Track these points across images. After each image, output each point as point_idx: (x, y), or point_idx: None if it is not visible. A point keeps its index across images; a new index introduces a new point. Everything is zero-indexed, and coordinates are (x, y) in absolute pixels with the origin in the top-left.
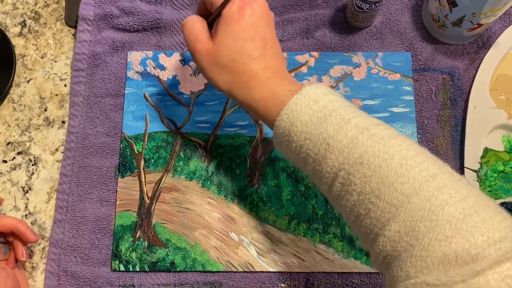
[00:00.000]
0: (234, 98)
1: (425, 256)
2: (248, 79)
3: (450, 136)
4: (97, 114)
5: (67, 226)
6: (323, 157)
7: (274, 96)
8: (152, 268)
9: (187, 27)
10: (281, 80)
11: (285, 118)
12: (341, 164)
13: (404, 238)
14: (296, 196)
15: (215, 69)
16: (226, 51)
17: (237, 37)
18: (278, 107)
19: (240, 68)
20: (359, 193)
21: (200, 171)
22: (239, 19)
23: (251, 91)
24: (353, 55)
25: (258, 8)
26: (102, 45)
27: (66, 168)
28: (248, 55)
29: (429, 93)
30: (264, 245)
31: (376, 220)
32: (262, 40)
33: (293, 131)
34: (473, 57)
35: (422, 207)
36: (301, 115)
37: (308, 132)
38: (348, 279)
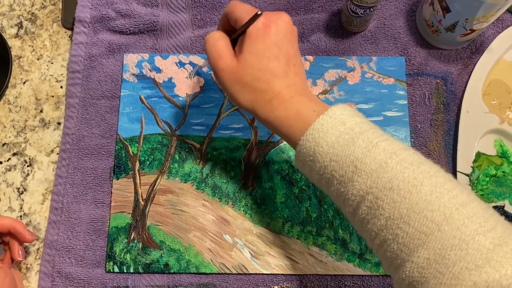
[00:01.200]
0: (257, 117)
1: (455, 284)
2: (272, 97)
3: (443, 140)
4: (92, 116)
5: (62, 227)
6: (350, 179)
7: (299, 116)
8: (146, 270)
9: (209, 43)
10: (305, 99)
11: (310, 138)
12: (369, 188)
13: (433, 265)
14: (290, 198)
15: (238, 87)
16: (250, 69)
17: (262, 55)
18: (302, 127)
19: (263, 87)
20: (387, 218)
21: (195, 173)
22: (264, 37)
23: (274, 110)
24: (348, 59)
25: (283, 26)
26: (98, 47)
27: (61, 170)
28: (271, 73)
29: (422, 97)
30: (258, 247)
31: (404, 246)
32: (285, 58)
33: (318, 152)
34: (466, 62)
35: (452, 236)
36: (328, 136)
37: (335, 153)
38: (341, 281)
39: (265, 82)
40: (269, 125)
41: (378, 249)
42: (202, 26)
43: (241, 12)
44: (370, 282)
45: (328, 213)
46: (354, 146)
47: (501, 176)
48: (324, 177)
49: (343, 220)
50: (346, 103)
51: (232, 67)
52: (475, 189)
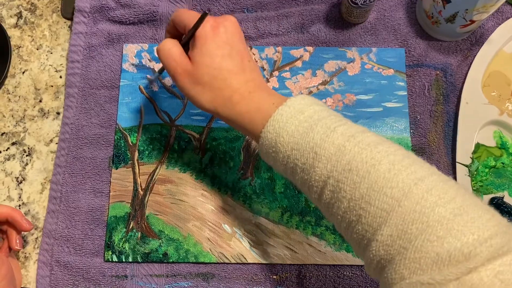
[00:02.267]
0: (219, 115)
1: (419, 257)
2: (231, 94)
3: (442, 131)
4: (92, 105)
5: (61, 217)
6: (311, 166)
7: (259, 109)
8: (145, 259)
9: (163, 52)
10: (264, 94)
11: (271, 129)
12: (329, 172)
13: (397, 241)
14: (289, 189)
15: (197, 88)
16: (206, 69)
17: (215, 55)
18: (263, 119)
19: (221, 84)
20: (349, 200)
21: (194, 163)
22: (214, 37)
23: (235, 106)
24: (348, 50)
25: (231, 25)
26: (98, 37)
27: (60, 159)
28: (228, 71)
29: (422, 88)
30: (257, 237)
31: (367, 225)
32: (239, 55)
33: (279, 142)
34: (466, 53)
35: (412, 210)
36: (287, 126)
37: (295, 142)
38: (340, 271)
39: (222, 80)
40: (231, 122)
41: (345, 233)
42: None
43: (188, 18)
44: None
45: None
46: (313, 133)
47: (500, 167)
48: (288, 167)
49: None
50: (346, 94)
51: (188, 71)
52: (474, 180)
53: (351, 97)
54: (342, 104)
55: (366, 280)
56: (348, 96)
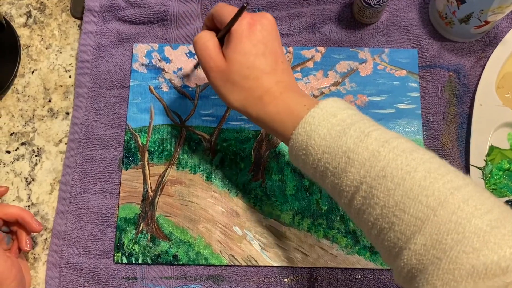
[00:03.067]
0: (248, 115)
1: (453, 268)
2: (262, 94)
3: (455, 133)
4: (101, 105)
5: (70, 218)
6: (343, 170)
7: (290, 111)
8: (154, 261)
9: (199, 44)
10: (295, 95)
11: (302, 131)
12: (362, 177)
13: (430, 251)
14: (301, 191)
15: (228, 86)
16: (238, 67)
17: (248, 53)
18: (294, 121)
19: (252, 84)
20: (382, 207)
21: (205, 164)
22: (250, 35)
23: (265, 106)
24: (360, 51)
25: (268, 24)
26: (108, 37)
27: (69, 160)
28: (260, 70)
29: (435, 90)
30: (268, 239)
31: (400, 233)
32: (272, 55)
33: (310, 145)
34: (480, 54)
35: (448, 220)
36: (319, 129)
37: (327, 145)
38: (352, 275)
39: (254, 79)
40: (261, 122)
41: (376, 240)
42: None
43: (227, 13)
44: (381, 276)
45: (355, 224)
46: (346, 137)
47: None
48: (318, 170)
49: None
50: (358, 95)
51: (221, 67)
52: (488, 183)
53: (363, 98)
54: (354, 105)
55: (378, 283)
56: (360, 97)
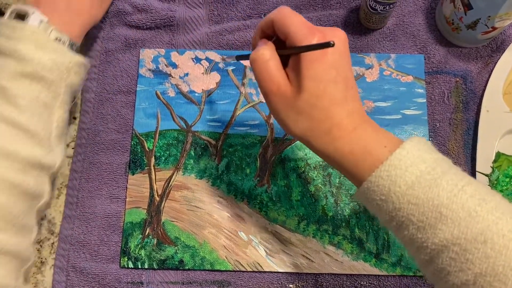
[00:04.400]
0: (312, 148)
1: None
2: (330, 127)
3: (462, 139)
4: (108, 110)
5: (77, 222)
6: (432, 226)
7: (366, 152)
8: (160, 266)
9: (258, 64)
10: (370, 130)
11: (385, 175)
12: (456, 238)
13: None
14: (306, 197)
15: (291, 113)
16: (307, 96)
17: (320, 80)
18: (371, 163)
19: (321, 115)
20: (477, 274)
21: (210, 169)
22: (322, 58)
23: (334, 142)
24: (366, 57)
25: (340, 45)
26: (115, 42)
27: (76, 164)
28: (330, 99)
29: (441, 96)
30: (273, 245)
31: None
32: (344, 81)
33: (393, 191)
34: (487, 60)
35: None
36: (406, 175)
37: (415, 195)
38: (357, 281)
39: (322, 109)
40: (328, 158)
41: None
42: (219, 22)
43: (297, 28)
44: (387, 282)
45: (345, 212)
46: (438, 189)
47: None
48: (397, 220)
49: (359, 219)
50: (364, 100)
51: (286, 93)
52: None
53: (370, 104)
54: None
55: None
56: (366, 103)
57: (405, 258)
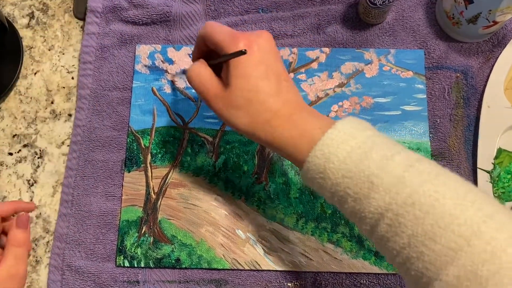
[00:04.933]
0: (257, 139)
1: None
2: (270, 117)
3: (462, 135)
4: (104, 107)
5: (72, 220)
6: (366, 196)
7: (303, 134)
8: (157, 265)
9: (193, 79)
10: (306, 115)
11: (319, 154)
12: (388, 204)
13: (464, 283)
14: (305, 194)
15: (232, 111)
16: (240, 92)
17: (249, 76)
18: (308, 144)
19: (258, 108)
20: (409, 236)
21: (208, 167)
22: (248, 57)
23: (275, 130)
24: (365, 52)
25: (265, 43)
26: (110, 38)
27: (72, 162)
28: (264, 93)
29: (442, 91)
30: (271, 243)
31: (430, 263)
32: (275, 76)
33: (329, 168)
34: (488, 55)
35: (483, 250)
36: (338, 151)
37: (348, 169)
38: (356, 279)
39: (259, 102)
40: (271, 146)
41: (400, 267)
42: (216, 17)
43: (221, 37)
44: (386, 280)
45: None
46: (368, 161)
47: None
48: (337, 195)
49: None
50: (363, 96)
51: (221, 94)
52: (496, 187)
53: (369, 100)
54: (360, 107)
55: None
56: (365, 99)
57: None
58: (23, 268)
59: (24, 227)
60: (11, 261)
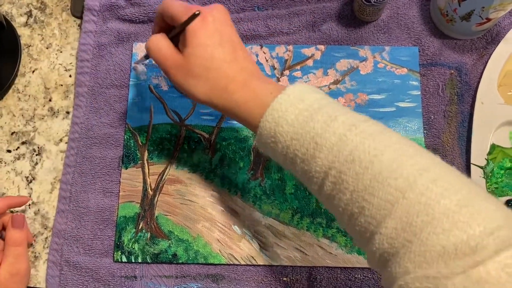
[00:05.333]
0: (215, 107)
1: (424, 250)
2: (226, 84)
3: (456, 132)
4: (101, 105)
5: (70, 217)
6: (312, 156)
7: (256, 99)
8: (154, 260)
9: (152, 49)
10: (261, 82)
11: (269, 118)
12: (331, 162)
13: (401, 234)
14: (300, 190)
15: (190, 81)
16: (198, 60)
17: (205, 45)
18: (261, 109)
19: (215, 74)
20: (351, 192)
21: (204, 163)
22: (203, 27)
23: (231, 96)
24: (360, 49)
25: (219, 14)
26: (108, 36)
27: (70, 159)
28: (220, 60)
29: (436, 88)
30: (267, 238)
31: (371, 217)
32: (230, 44)
33: (278, 132)
34: (482, 52)
35: (417, 202)
36: (287, 115)
37: (295, 132)
38: (351, 274)
39: (215, 69)
40: (228, 112)
41: (347, 225)
42: None
43: (176, 9)
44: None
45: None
46: (313, 122)
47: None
48: (288, 157)
49: None
50: (358, 93)
51: (179, 64)
52: (489, 182)
53: (364, 96)
54: (354, 103)
55: (377, 283)
56: (360, 96)
57: None
58: (24, 266)
59: (20, 226)
60: (10, 261)
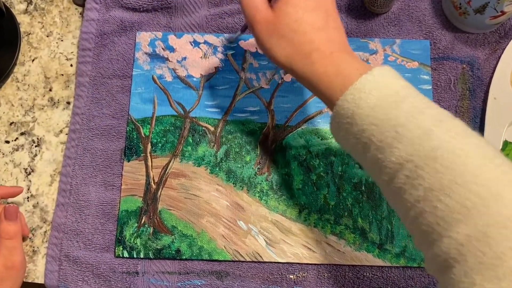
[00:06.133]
0: (293, 72)
1: (497, 264)
2: (310, 51)
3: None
4: (103, 95)
5: (70, 210)
6: (389, 145)
7: (339, 73)
8: (157, 255)
9: (244, 1)
10: (347, 56)
11: (350, 98)
12: (409, 155)
13: (474, 243)
14: (308, 185)
15: (274, 39)
16: (287, 19)
17: (298, 6)
18: (342, 85)
19: (301, 39)
20: (426, 189)
21: (209, 157)
22: None
23: (313, 65)
24: (370, 42)
25: None
26: (110, 25)
27: (70, 150)
28: (309, 24)
29: (447, 82)
30: (273, 234)
31: (442, 219)
32: (324, 11)
33: (357, 114)
34: (494, 46)
35: (499, 213)
36: (369, 97)
37: (375, 116)
38: (360, 272)
39: (303, 33)
40: (306, 81)
41: (412, 222)
42: (218, 5)
43: None
44: (390, 274)
45: (347, 201)
46: (397, 111)
47: None
48: (361, 142)
49: (362, 208)
50: None
51: (268, 19)
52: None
53: None
54: None
55: (386, 281)
56: None
57: (409, 249)
58: (19, 259)
59: (13, 218)
60: (4, 254)
